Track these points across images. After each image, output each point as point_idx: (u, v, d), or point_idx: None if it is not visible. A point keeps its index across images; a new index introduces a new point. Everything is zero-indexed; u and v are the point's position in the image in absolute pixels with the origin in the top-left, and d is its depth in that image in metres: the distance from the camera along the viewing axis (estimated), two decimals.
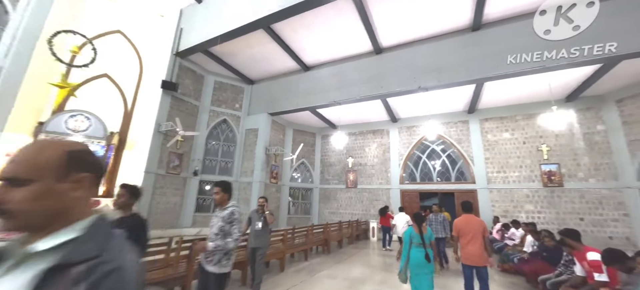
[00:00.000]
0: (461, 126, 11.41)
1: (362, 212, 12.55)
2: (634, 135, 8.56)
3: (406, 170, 12.20)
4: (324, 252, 7.90)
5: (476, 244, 3.83)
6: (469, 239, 3.88)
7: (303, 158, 13.94)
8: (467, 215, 4.10)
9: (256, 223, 4.48)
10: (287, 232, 5.97)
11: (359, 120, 13.36)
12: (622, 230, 8.48)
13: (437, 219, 6.90)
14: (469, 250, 3.85)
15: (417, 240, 3.76)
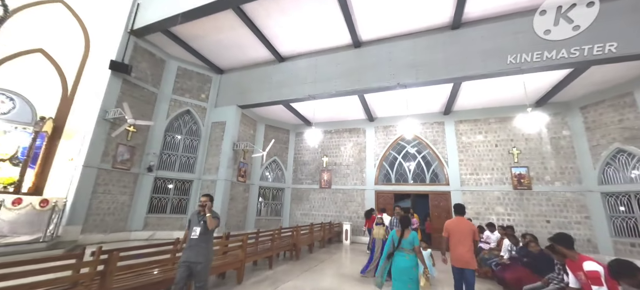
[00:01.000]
0: (437, 127, 11.31)
1: (335, 214, 12.00)
2: (596, 141, 8.90)
3: (381, 170, 11.87)
4: (292, 258, 7.17)
5: (465, 247, 3.84)
6: (457, 240, 3.90)
7: (275, 156, 13.09)
8: (459, 218, 4.11)
9: (193, 229, 3.40)
10: (247, 236, 5.15)
11: (335, 118, 12.83)
12: (584, 232, 8.75)
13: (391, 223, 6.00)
14: (459, 252, 3.85)
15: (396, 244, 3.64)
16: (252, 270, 5.94)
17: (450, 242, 3.99)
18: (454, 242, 3.93)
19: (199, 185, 10.72)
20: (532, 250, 4.06)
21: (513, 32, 7.49)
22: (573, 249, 3.01)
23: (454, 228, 4.00)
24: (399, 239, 3.63)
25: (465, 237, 3.88)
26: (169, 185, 10.24)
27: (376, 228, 6.55)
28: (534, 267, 4.12)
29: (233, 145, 10.85)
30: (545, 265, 3.89)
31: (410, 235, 3.65)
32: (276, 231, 6.57)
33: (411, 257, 3.56)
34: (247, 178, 11.63)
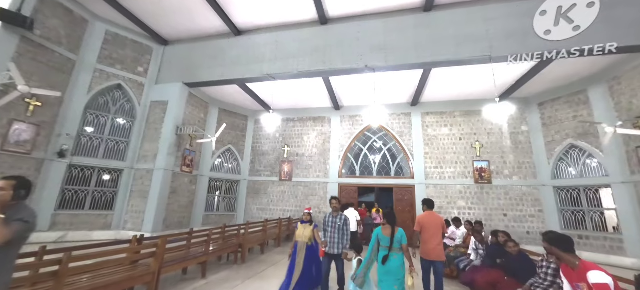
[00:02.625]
0: (404, 118, 10.89)
1: (296, 208, 11.03)
2: (551, 136, 9.12)
3: (346, 162, 11.16)
4: (236, 262, 6.03)
5: (437, 240, 3.97)
6: (430, 235, 3.99)
7: (229, 144, 11.65)
8: (430, 212, 4.24)
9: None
10: (165, 239, 3.91)
11: (298, 104, 11.76)
12: (537, 225, 8.96)
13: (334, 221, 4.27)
14: (430, 246, 3.95)
15: (384, 242, 3.50)
16: (177, 281, 4.72)
17: (422, 236, 4.06)
18: (427, 236, 4.00)
19: (130, 176, 8.93)
20: (510, 251, 3.54)
21: (484, 19, 7.13)
22: (573, 253, 2.38)
23: (427, 222, 4.07)
24: (391, 237, 3.47)
25: (436, 231, 4.02)
26: (89, 175, 8.32)
27: (301, 227, 4.48)
28: (511, 270, 3.61)
29: (176, 129, 9.22)
30: (526, 269, 3.36)
31: (398, 232, 3.52)
32: (214, 230, 5.34)
33: (399, 256, 3.46)
34: (193, 168, 10.07)
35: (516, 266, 3.46)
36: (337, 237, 4.00)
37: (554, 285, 2.91)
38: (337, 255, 4.01)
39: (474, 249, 4.97)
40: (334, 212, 4.18)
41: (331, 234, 4.02)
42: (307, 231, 4.44)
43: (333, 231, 4.03)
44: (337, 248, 3.98)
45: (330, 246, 3.98)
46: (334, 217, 4.13)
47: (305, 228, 4.49)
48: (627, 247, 7.24)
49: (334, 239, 4.00)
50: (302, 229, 4.49)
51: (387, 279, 3.34)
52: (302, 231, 4.47)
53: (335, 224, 4.05)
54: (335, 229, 4.03)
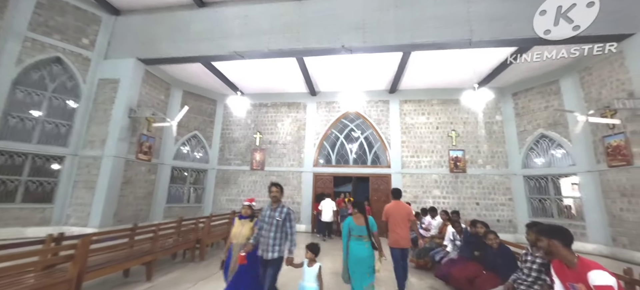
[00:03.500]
0: (382, 106, 10.54)
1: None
2: (523, 127, 9.22)
3: (322, 151, 10.67)
4: (194, 260, 5.36)
5: (404, 229, 4.06)
6: (396, 223, 4.07)
7: (196, 130, 10.66)
8: (397, 201, 4.26)
9: None
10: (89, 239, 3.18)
11: (272, 89, 10.99)
12: (507, 213, 9.10)
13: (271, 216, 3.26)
14: (398, 234, 4.03)
15: (358, 232, 3.40)
16: (117, 285, 4.00)
17: (389, 225, 4.13)
18: (393, 225, 4.08)
19: (74, 164, 7.79)
20: (490, 245, 3.25)
21: (466, 0, 6.82)
22: (571, 249, 2.03)
23: (394, 212, 4.15)
24: (366, 226, 3.42)
25: (403, 220, 4.10)
26: (21, 163, 7.10)
27: (238, 224, 3.49)
28: (490, 264, 3.33)
29: (130, 112, 8.14)
30: (507, 264, 3.07)
31: (369, 220, 3.48)
32: (163, 225, 4.61)
33: (369, 244, 3.40)
34: (153, 156, 9.05)
35: (496, 260, 3.18)
36: (272, 238, 2.93)
37: (538, 282, 2.63)
38: (271, 261, 2.93)
39: (451, 240, 4.72)
40: (273, 204, 3.09)
41: (266, 233, 2.96)
42: (245, 229, 3.37)
43: (269, 229, 2.96)
44: (271, 251, 2.91)
45: (263, 249, 2.96)
46: (272, 210, 3.06)
47: (243, 225, 3.42)
48: (590, 233, 7.49)
49: (268, 239, 2.93)
50: (240, 227, 3.40)
51: (359, 269, 3.31)
52: (239, 229, 3.38)
53: (273, 220, 2.98)
54: (273, 226, 2.95)
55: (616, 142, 6.84)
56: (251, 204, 3.67)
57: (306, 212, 10.03)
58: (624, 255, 6.62)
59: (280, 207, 3.07)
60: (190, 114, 10.49)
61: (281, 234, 2.99)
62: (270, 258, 2.92)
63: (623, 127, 6.61)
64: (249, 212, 3.58)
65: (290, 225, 3.04)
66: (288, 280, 4.14)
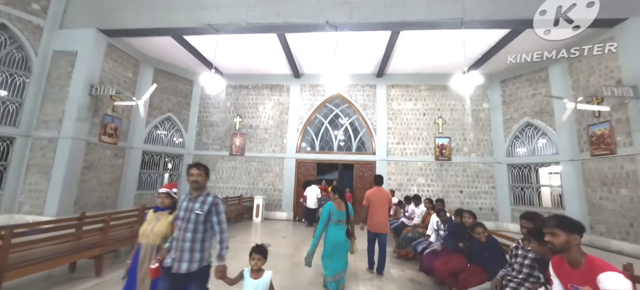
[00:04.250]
0: (368, 91, 10.12)
1: (248, 186, 9.93)
2: (510, 115, 9.10)
3: (305, 136, 10.21)
4: None
5: (383, 214, 4.29)
6: (377, 210, 4.27)
7: (169, 111, 9.89)
8: (378, 188, 4.47)
9: None
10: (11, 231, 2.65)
11: (253, 70, 10.30)
12: (490, 201, 9.08)
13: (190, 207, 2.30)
14: (377, 220, 4.26)
15: (338, 217, 3.45)
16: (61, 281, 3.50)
17: (370, 211, 4.33)
18: (374, 210, 4.29)
19: (27, 146, 6.98)
20: (478, 238, 2.97)
21: None
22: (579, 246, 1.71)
23: (375, 198, 4.34)
24: (346, 212, 3.51)
25: (383, 206, 4.32)
26: None
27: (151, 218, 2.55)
28: (476, 257, 3.06)
29: (90, 89, 7.32)
30: (495, 258, 2.80)
31: (347, 207, 3.57)
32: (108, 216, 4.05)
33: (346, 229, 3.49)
34: (119, 139, 8.30)
35: (483, 253, 2.91)
36: (189, 240, 2.03)
37: (530, 279, 2.35)
38: (189, 276, 2.02)
39: (434, 230, 4.46)
40: (193, 192, 2.17)
41: (180, 234, 2.06)
42: (161, 225, 2.43)
43: (185, 228, 2.06)
44: (188, 261, 2.01)
45: (175, 257, 2.02)
46: (191, 200, 2.14)
47: (159, 219, 2.48)
48: None
49: (183, 242, 2.03)
50: (154, 222, 2.47)
51: (338, 252, 3.38)
52: (151, 225, 2.45)
53: (191, 214, 2.07)
54: (190, 223, 2.06)
55: (601, 130, 6.78)
56: (170, 192, 2.61)
57: (288, 199, 9.64)
58: (600, 243, 6.69)
59: (202, 196, 2.14)
60: (164, 94, 9.71)
61: (204, 234, 2.10)
62: (187, 270, 1.98)
63: (609, 115, 6.52)
64: (168, 202, 2.56)
65: (218, 220, 2.13)
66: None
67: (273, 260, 4.87)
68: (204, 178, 2.22)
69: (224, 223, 2.17)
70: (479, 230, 3.00)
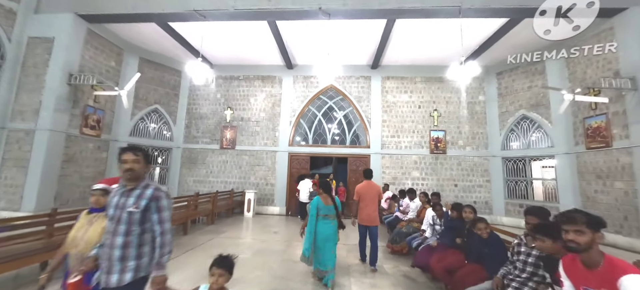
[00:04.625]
0: (363, 82, 9.88)
1: (239, 180, 9.67)
2: (505, 107, 8.98)
3: (298, 129, 9.95)
4: None
5: (373, 207, 4.32)
6: (367, 203, 4.31)
7: (156, 103, 9.50)
8: (368, 182, 4.49)
9: None
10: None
11: (244, 60, 9.94)
12: (484, 195, 9.01)
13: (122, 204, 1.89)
14: (367, 213, 4.29)
15: (326, 211, 3.50)
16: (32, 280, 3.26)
17: (360, 204, 4.36)
18: (364, 204, 4.33)
19: (2, 138, 6.58)
20: (480, 234, 2.78)
21: None
22: None
23: (365, 192, 4.37)
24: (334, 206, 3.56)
25: (373, 199, 4.36)
26: None
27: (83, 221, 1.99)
28: (474, 254, 2.89)
29: (69, 78, 6.92)
30: (496, 255, 2.63)
31: (336, 200, 3.63)
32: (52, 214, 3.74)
33: (335, 222, 3.55)
34: (103, 131, 7.92)
35: (483, 250, 2.74)
36: (120, 246, 1.62)
37: (533, 278, 2.18)
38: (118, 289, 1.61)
39: (430, 224, 4.28)
40: (128, 183, 1.72)
41: (109, 238, 1.66)
42: (94, 231, 1.92)
43: (115, 231, 1.65)
44: (119, 272, 1.61)
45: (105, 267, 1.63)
46: (124, 194, 1.71)
47: (92, 223, 1.96)
48: None
49: (112, 248, 1.62)
50: (86, 226, 1.96)
51: (326, 246, 3.44)
52: (82, 231, 1.94)
53: (123, 212, 1.65)
54: (122, 223, 1.64)
55: (597, 123, 6.69)
56: (108, 187, 2.04)
57: (280, 194, 9.42)
58: None
59: (139, 189, 1.71)
60: (150, 85, 9.31)
61: (140, 237, 1.68)
62: (117, 283, 1.59)
63: (606, 107, 6.43)
64: (104, 201, 1.96)
65: (159, 218, 1.71)
66: None
67: (264, 257, 4.67)
68: (142, 166, 1.74)
69: (167, 223, 1.72)
70: (481, 225, 2.83)
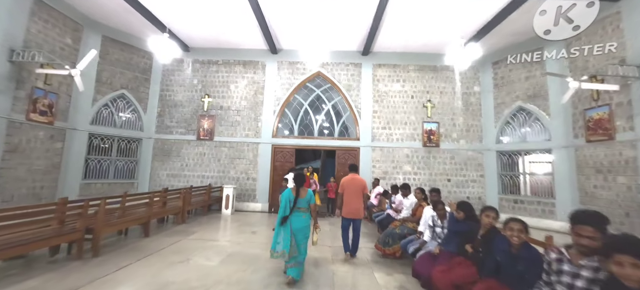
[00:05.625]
0: (353, 70, 9.21)
1: (218, 174, 8.86)
2: (501, 98, 8.56)
3: (283, 119, 9.21)
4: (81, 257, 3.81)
5: (357, 200, 4.39)
6: (351, 197, 4.38)
7: (123, 88, 8.51)
8: (353, 175, 4.56)
9: None
10: None
11: (224, 43, 9.05)
12: (478, 190, 8.63)
13: None
14: (351, 206, 4.37)
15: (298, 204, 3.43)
16: None
17: (345, 197, 4.38)
18: (349, 197, 4.36)
19: None
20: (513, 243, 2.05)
21: None
22: None
23: (349, 185, 4.40)
24: (296, 198, 3.43)
25: (357, 193, 4.37)
26: None
27: None
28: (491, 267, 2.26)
29: (10, 55, 5.89)
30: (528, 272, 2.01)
31: (307, 193, 3.52)
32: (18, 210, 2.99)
33: (307, 215, 3.52)
34: (56, 117, 6.92)
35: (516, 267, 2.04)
36: None
37: None
38: None
39: (429, 226, 3.70)
40: None
41: None
42: None
43: None
44: None
45: None
46: None
47: None
48: (558, 211, 7.18)
49: None
50: None
51: (296, 238, 3.37)
52: None
53: None
54: None
55: (599, 115, 6.32)
56: None
57: (263, 189, 8.71)
58: None
59: None
60: (116, 67, 8.31)
61: None
62: None
63: (609, 98, 6.05)
64: None
65: None
66: None
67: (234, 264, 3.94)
68: None
69: None
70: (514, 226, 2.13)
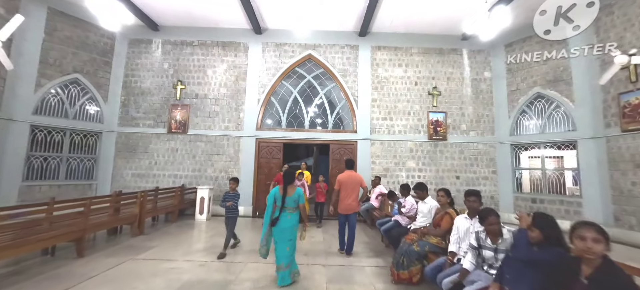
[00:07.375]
0: (349, 53, 8.09)
1: (193, 173, 7.62)
2: (516, 85, 7.61)
3: (268, 110, 8.03)
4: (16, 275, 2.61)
5: (353, 197, 4.39)
6: (348, 193, 4.36)
7: (77, 73, 7.15)
8: (349, 171, 4.53)
9: None
10: None
11: (200, 21, 7.79)
12: (490, 188, 7.68)
13: None
14: (348, 202, 4.35)
15: (278, 202, 3.31)
16: None
17: (341, 194, 4.38)
18: (345, 194, 4.37)
19: None
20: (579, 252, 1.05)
21: None
22: None
23: (346, 181, 4.39)
24: (283, 197, 3.28)
25: (354, 189, 4.41)
26: None
27: None
28: None
29: None
30: None
31: (295, 192, 3.35)
32: None
33: (293, 215, 3.33)
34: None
35: None
36: None
37: None
38: None
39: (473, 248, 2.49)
40: None
41: None
42: None
43: None
44: None
45: None
46: None
47: None
48: (586, 211, 6.27)
49: None
50: None
51: (282, 239, 3.24)
52: None
53: None
54: None
55: (638, 99, 5.39)
56: None
57: (246, 190, 7.48)
58: (629, 238, 5.45)
59: None
60: (67, 47, 6.97)
61: None
62: None
63: None
64: None
65: None
66: None
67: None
68: None
69: None
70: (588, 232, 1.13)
